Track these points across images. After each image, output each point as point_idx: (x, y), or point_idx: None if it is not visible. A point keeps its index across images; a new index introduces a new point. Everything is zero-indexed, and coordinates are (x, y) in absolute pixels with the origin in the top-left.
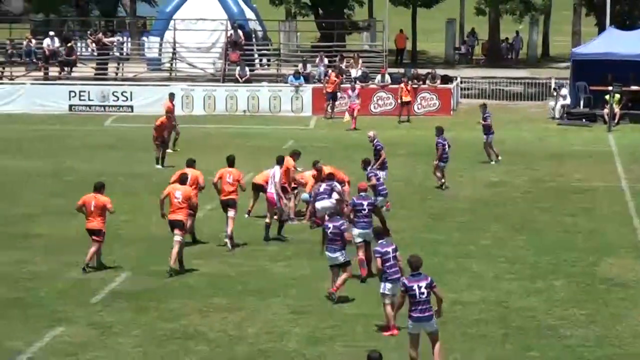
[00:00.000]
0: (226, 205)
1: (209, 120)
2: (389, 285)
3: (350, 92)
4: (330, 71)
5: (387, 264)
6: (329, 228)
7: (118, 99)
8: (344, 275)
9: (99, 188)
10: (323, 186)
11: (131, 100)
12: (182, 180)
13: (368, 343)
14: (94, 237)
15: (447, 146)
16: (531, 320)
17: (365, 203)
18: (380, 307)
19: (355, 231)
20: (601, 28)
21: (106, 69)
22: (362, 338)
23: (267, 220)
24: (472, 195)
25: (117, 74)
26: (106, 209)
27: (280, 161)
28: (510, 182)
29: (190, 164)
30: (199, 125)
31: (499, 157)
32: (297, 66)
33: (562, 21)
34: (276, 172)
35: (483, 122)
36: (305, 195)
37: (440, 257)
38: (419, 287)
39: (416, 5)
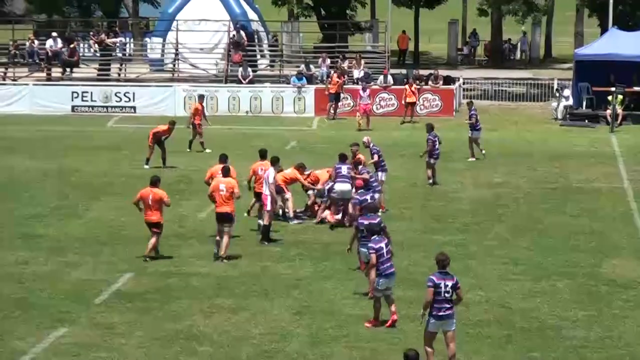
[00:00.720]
0: (259, 196)
1: (211, 121)
2: (382, 281)
3: (361, 92)
4: (332, 72)
5: (381, 260)
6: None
7: (121, 100)
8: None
9: (154, 182)
10: (345, 169)
11: (134, 101)
12: (225, 172)
13: (371, 344)
14: (153, 229)
15: (437, 142)
16: (534, 321)
17: (368, 197)
18: (384, 307)
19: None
20: (604, 29)
21: (109, 69)
22: (365, 338)
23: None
24: (474, 196)
25: (119, 74)
26: (163, 202)
27: (274, 162)
28: (513, 183)
29: (224, 160)
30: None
31: (483, 152)
32: (299, 67)
33: (565, 22)
34: (270, 173)
35: (468, 121)
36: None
37: None
38: (446, 286)
39: (418, 6)
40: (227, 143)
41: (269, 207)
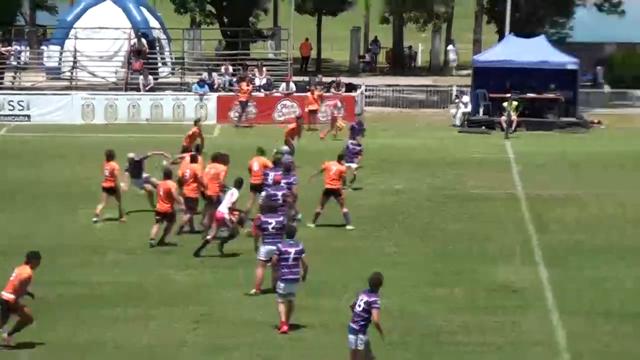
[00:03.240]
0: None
1: (110, 130)
2: (282, 285)
3: (339, 102)
4: (240, 80)
5: (283, 264)
6: (271, 224)
7: (14, 109)
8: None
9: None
10: (272, 175)
11: (28, 109)
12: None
13: (268, 351)
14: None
15: (351, 146)
16: (431, 327)
17: (279, 194)
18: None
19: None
20: (502, 36)
21: (2, 78)
22: (262, 346)
23: (209, 237)
24: (376, 203)
25: (13, 83)
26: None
27: (238, 185)
28: (413, 190)
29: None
30: (99, 134)
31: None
32: (201, 74)
33: (465, 29)
34: (234, 194)
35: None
36: None
37: (343, 265)
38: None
39: (321, 14)
40: (126, 151)
41: (229, 225)
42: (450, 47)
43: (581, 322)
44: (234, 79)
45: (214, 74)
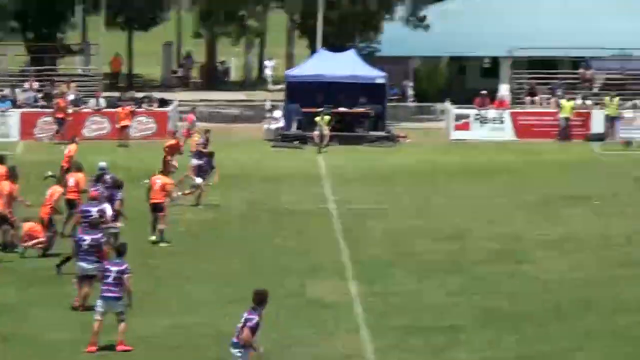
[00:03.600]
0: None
1: None
2: (99, 302)
3: (192, 116)
4: (43, 95)
5: (105, 281)
6: (85, 240)
7: None
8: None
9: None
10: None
11: None
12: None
13: None
14: None
15: (203, 165)
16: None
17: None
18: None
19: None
20: (314, 50)
21: None
22: None
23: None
24: (191, 218)
25: None
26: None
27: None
28: (228, 205)
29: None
30: None
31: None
32: (2, 90)
33: (278, 44)
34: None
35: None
36: None
37: (155, 282)
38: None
39: (132, 28)
40: None
41: None
42: (267, 61)
43: (390, 336)
44: (39, 95)
45: (17, 90)
